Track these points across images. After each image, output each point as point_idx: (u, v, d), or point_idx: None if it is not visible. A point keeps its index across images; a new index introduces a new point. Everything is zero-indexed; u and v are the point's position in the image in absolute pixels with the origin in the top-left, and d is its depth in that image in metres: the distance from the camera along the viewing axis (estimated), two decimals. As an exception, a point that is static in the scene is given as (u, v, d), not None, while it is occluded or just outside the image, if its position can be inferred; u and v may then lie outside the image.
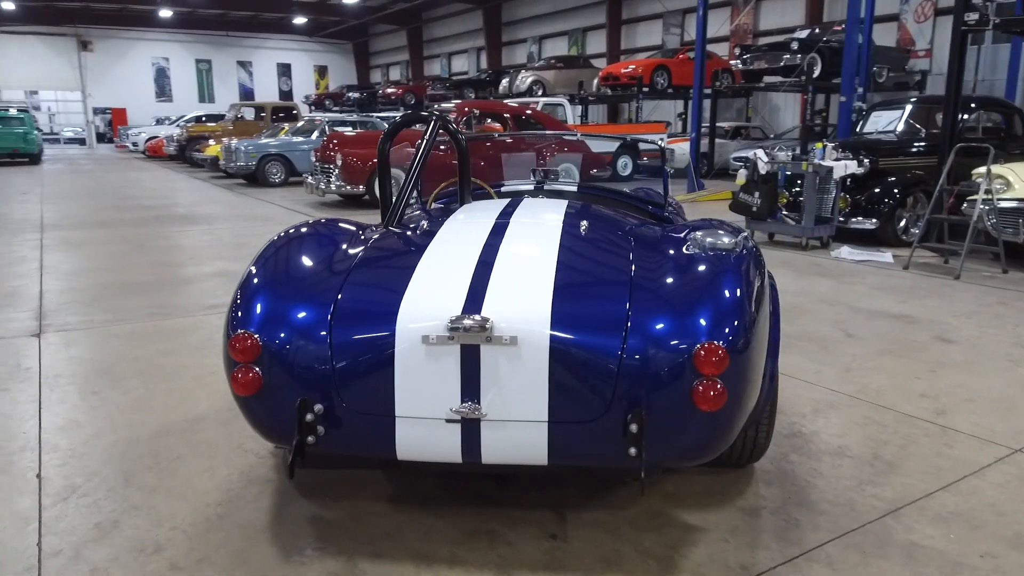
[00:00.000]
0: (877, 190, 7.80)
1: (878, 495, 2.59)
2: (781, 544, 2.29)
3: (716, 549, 2.26)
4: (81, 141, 36.80)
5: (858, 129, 9.42)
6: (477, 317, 1.93)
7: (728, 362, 1.87)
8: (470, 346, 1.93)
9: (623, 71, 19.12)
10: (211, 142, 18.55)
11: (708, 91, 16.48)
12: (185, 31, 36.74)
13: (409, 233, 2.62)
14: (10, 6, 29.62)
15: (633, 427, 1.89)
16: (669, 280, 2.11)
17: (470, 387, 1.95)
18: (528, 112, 13.61)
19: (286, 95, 39.81)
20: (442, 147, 11.04)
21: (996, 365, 3.99)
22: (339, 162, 11.10)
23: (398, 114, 21.92)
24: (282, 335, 2.02)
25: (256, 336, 2.01)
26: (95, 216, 10.29)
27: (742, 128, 18.28)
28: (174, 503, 2.55)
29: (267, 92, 39.92)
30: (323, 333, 2.02)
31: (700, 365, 1.86)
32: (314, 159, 12.04)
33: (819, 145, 7.59)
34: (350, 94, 30.81)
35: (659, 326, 1.94)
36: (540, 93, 21.30)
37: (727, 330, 1.93)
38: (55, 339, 4.43)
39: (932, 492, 2.62)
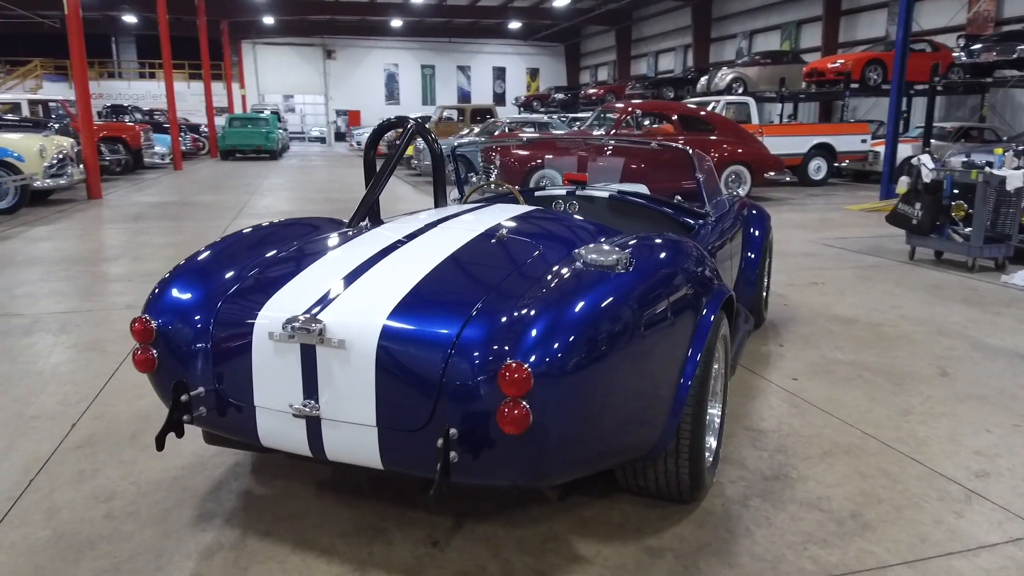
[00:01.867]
0: (1077, 205, 6.50)
1: (817, 558, 2.25)
2: (658, 591, 2.10)
3: (583, 584, 2.13)
4: (322, 140, 41.49)
5: (1077, 132, 7.90)
6: (310, 318, 2.00)
7: (533, 384, 1.76)
8: (308, 346, 2.01)
9: (829, 66, 17.64)
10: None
11: (923, 87, 14.68)
12: (413, 39, 39.92)
13: (346, 234, 2.73)
14: (270, 21, 34.27)
15: (439, 441, 1.85)
16: (520, 297, 2.02)
17: (310, 385, 2.03)
18: (702, 113, 13.07)
19: (499, 97, 41.73)
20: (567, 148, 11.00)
21: (1115, 428, 3.22)
22: (497, 162, 11.49)
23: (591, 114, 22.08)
24: (172, 321, 2.24)
25: (152, 321, 2.25)
26: (284, 206, 11.61)
27: (969, 129, 16.00)
28: (151, 462, 2.90)
29: (483, 95, 42.14)
30: (202, 319, 2.21)
31: (503, 385, 1.78)
32: (480, 159, 12.56)
33: (998, 151, 6.50)
34: (556, 95, 31.58)
35: (480, 342, 1.88)
36: (740, 91, 20.31)
37: (544, 350, 1.81)
38: (172, 312, 5.14)
39: (890, 565, 2.22)
